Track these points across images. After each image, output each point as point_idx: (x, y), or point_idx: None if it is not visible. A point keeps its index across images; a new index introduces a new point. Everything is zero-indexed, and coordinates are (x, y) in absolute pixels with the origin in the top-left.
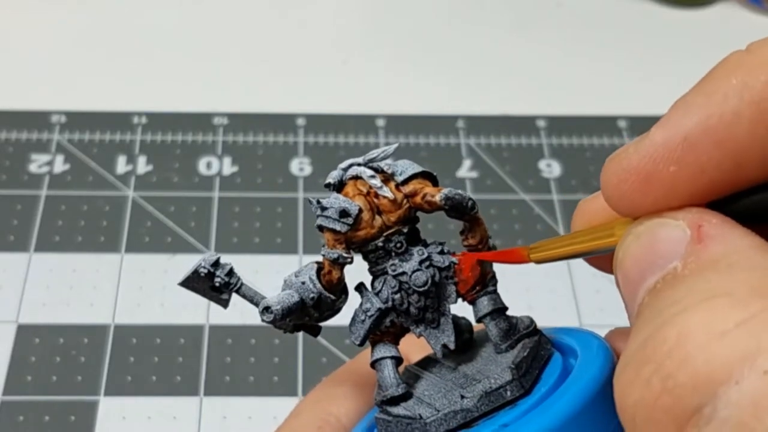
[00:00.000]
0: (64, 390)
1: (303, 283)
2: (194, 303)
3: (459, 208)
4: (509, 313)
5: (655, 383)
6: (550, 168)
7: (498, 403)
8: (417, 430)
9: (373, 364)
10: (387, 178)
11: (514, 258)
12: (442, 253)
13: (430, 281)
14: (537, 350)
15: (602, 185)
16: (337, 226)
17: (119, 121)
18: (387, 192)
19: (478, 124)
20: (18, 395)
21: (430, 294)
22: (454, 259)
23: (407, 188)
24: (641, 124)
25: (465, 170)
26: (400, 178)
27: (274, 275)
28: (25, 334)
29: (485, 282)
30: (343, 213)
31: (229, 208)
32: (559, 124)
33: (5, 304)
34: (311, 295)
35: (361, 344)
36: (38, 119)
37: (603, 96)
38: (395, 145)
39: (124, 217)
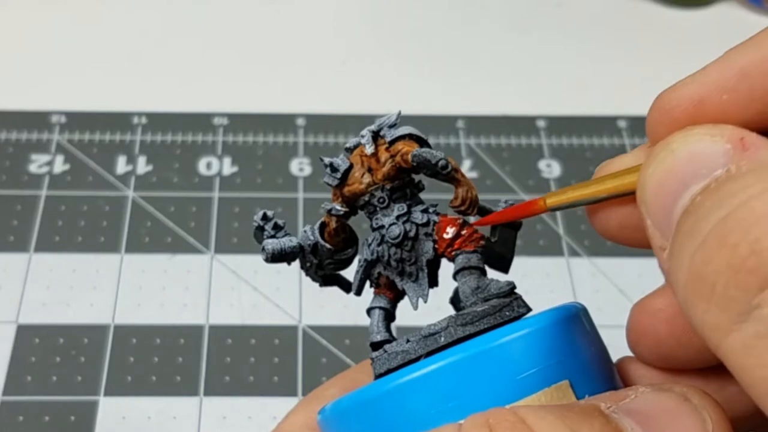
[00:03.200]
0: (63, 390)
1: (305, 231)
2: (194, 303)
3: (428, 167)
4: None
5: (743, 247)
6: (550, 168)
7: (433, 347)
8: (374, 368)
9: (368, 312)
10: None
11: (527, 210)
12: (425, 211)
13: (402, 234)
14: (499, 309)
15: (651, 114)
16: (328, 180)
17: (119, 121)
18: (369, 149)
19: (478, 124)
20: (18, 395)
21: (406, 247)
22: (435, 217)
23: (393, 148)
24: (641, 124)
25: (465, 170)
26: (388, 139)
27: (274, 275)
28: (25, 334)
29: (466, 243)
30: (333, 168)
31: (229, 208)
32: (559, 124)
33: (5, 304)
34: (308, 242)
35: (357, 293)
36: (38, 119)
37: (603, 96)
38: (398, 112)
39: (124, 217)
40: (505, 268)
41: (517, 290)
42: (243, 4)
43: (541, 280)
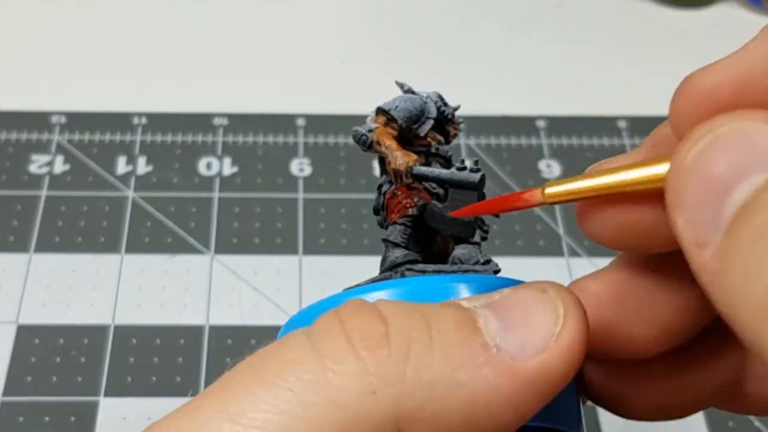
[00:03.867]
0: (64, 390)
1: None
2: (194, 303)
3: (360, 145)
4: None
5: None
6: (550, 168)
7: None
8: None
9: None
10: None
11: (518, 202)
12: (391, 183)
13: (374, 206)
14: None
15: (677, 103)
16: None
17: (119, 121)
18: (365, 125)
19: (478, 124)
20: (18, 396)
21: (382, 215)
22: (392, 189)
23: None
24: (641, 124)
25: None
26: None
27: (274, 275)
28: (25, 334)
29: (393, 213)
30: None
31: (229, 208)
32: (559, 124)
33: (5, 304)
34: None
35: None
36: (38, 119)
37: (603, 96)
38: (401, 84)
39: (124, 218)
40: (466, 232)
41: (415, 265)
42: (243, 4)
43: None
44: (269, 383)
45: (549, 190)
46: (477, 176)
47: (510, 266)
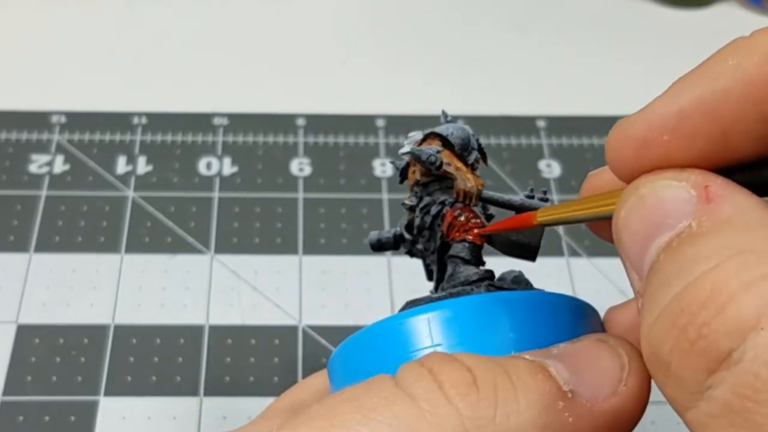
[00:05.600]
0: (64, 390)
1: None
2: (194, 303)
3: (422, 164)
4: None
5: (691, 331)
6: (550, 168)
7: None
8: None
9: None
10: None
11: (521, 222)
12: (442, 203)
13: (417, 225)
14: (455, 296)
15: (606, 150)
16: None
17: (119, 121)
18: (404, 148)
19: (478, 124)
20: (18, 395)
21: (424, 238)
22: (446, 208)
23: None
24: None
25: None
26: (419, 137)
27: (274, 275)
28: (25, 334)
29: (459, 232)
30: (397, 168)
31: (229, 208)
32: (559, 124)
33: (5, 304)
34: (397, 233)
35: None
36: (38, 119)
37: (603, 96)
38: (443, 112)
39: (124, 218)
40: (530, 256)
41: (492, 280)
42: (243, 4)
43: (541, 280)
44: (368, 418)
45: (539, 216)
46: (547, 205)
47: (510, 267)
